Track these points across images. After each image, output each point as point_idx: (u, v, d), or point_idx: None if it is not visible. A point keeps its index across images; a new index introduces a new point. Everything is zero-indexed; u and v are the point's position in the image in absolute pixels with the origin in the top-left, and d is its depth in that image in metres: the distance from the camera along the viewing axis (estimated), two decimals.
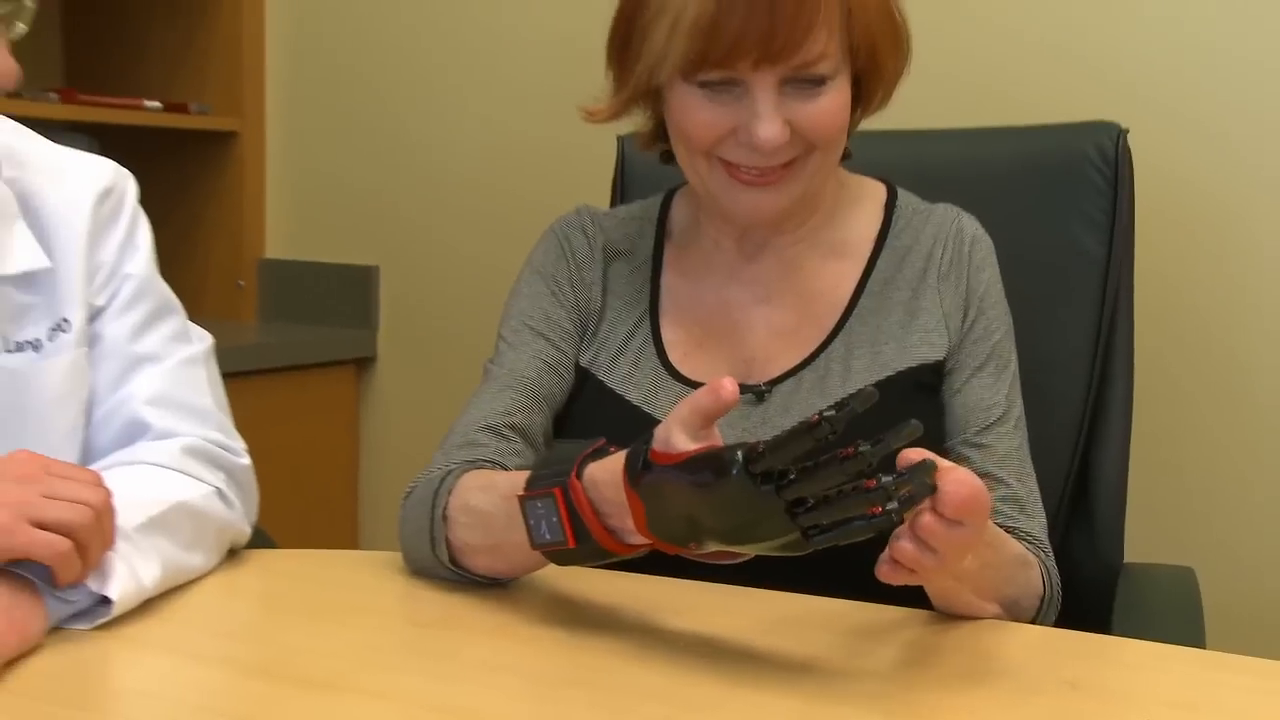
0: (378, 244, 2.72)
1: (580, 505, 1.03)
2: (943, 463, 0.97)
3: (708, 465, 0.95)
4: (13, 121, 1.25)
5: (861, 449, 0.89)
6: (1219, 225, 1.99)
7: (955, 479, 0.97)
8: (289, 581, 1.26)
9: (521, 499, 1.07)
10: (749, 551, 1.00)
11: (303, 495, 2.55)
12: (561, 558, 1.09)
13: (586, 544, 1.04)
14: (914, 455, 0.95)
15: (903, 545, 0.98)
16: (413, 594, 1.21)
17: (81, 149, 1.36)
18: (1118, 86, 2.02)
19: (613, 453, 1.05)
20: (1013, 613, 1.20)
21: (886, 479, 0.91)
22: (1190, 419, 2.02)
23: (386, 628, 1.17)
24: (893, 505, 0.91)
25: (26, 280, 1.24)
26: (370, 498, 2.77)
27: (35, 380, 1.23)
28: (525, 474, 1.12)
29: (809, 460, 0.90)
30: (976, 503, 0.97)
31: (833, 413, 0.90)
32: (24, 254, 1.24)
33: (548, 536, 1.06)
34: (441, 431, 1.34)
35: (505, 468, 1.26)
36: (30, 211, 1.26)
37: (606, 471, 1.03)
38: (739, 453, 0.93)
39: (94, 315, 1.28)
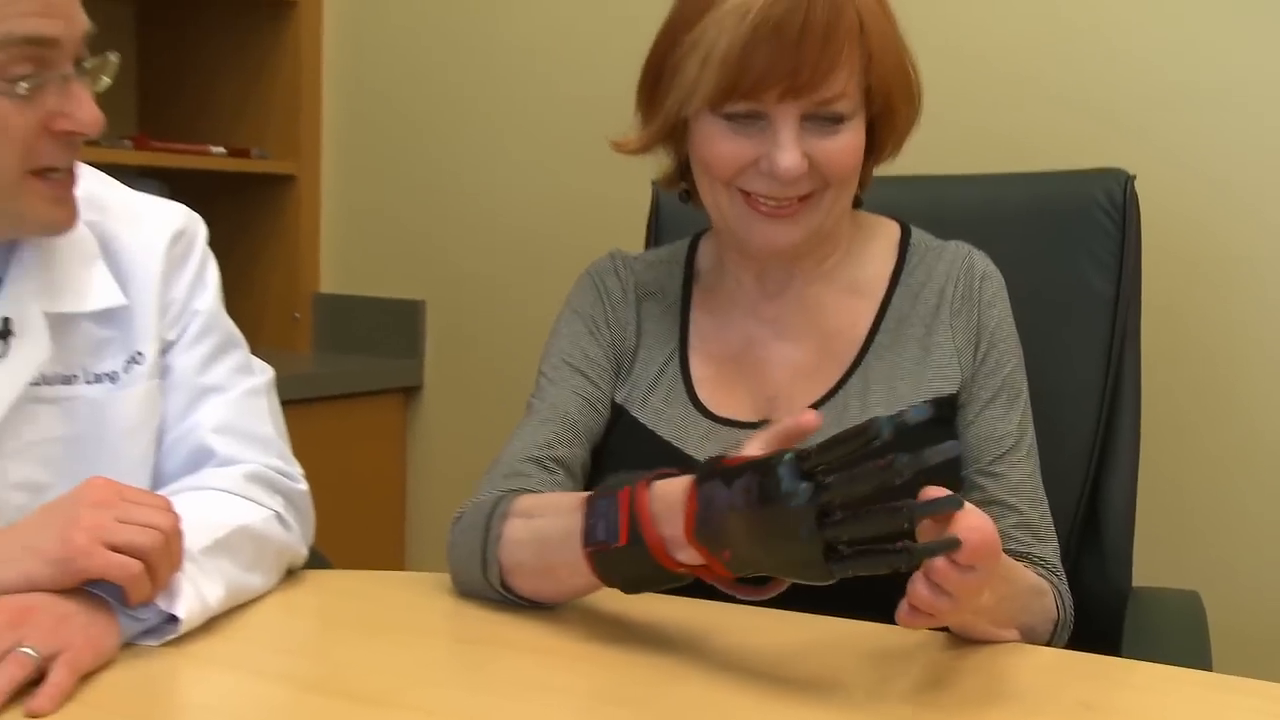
0: (424, 280, 2.72)
1: (640, 507, 1.04)
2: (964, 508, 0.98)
3: (761, 463, 0.97)
4: (94, 169, 1.26)
5: (897, 462, 0.91)
6: (1221, 265, 1.98)
7: (968, 526, 0.96)
8: (343, 600, 1.26)
9: (590, 499, 1.08)
10: (772, 568, 1.00)
11: (353, 516, 2.54)
12: (607, 563, 1.08)
13: (636, 546, 1.04)
14: (936, 492, 0.95)
15: (918, 590, 0.98)
16: (459, 613, 1.21)
17: (153, 193, 1.36)
18: (1125, 135, 2.01)
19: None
20: (1029, 637, 1.19)
21: (911, 503, 0.92)
22: (1195, 449, 2.01)
23: (435, 645, 1.17)
24: (911, 545, 0.92)
25: (105, 316, 1.25)
26: (417, 519, 2.76)
27: (111, 410, 1.24)
28: (580, 495, 1.13)
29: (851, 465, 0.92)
30: (987, 549, 0.97)
31: (885, 419, 0.92)
32: (103, 292, 1.25)
33: (601, 535, 1.07)
34: (484, 456, 1.34)
35: None
36: (109, 253, 1.27)
37: (674, 483, 1.04)
38: (789, 454, 0.95)
39: (165, 349, 1.29)
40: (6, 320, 1.18)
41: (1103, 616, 1.46)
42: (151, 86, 2.84)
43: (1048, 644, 1.24)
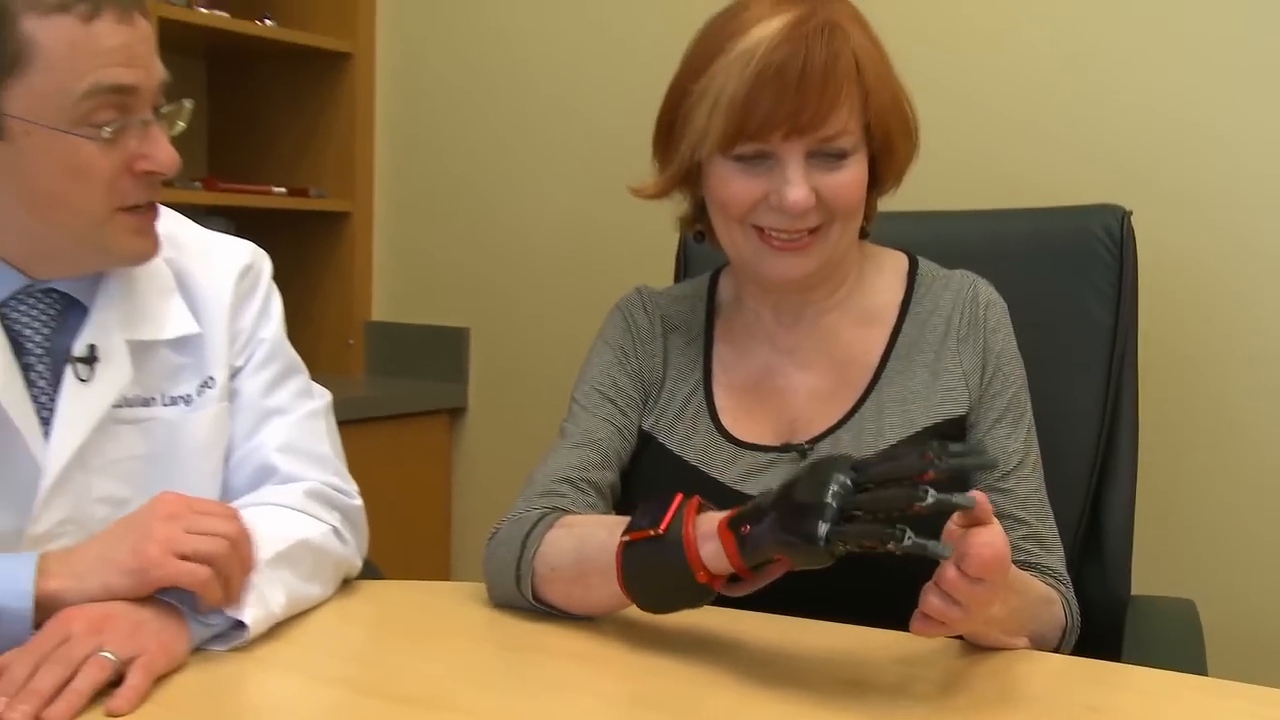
0: (468, 309, 2.73)
1: (690, 506, 1.05)
2: (985, 517, 0.98)
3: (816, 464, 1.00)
4: (170, 210, 1.27)
5: (923, 497, 0.92)
6: (1211, 293, 1.97)
7: (981, 541, 0.96)
8: (394, 609, 1.26)
9: (648, 499, 1.08)
10: (777, 546, 0.99)
11: (401, 529, 2.55)
12: (635, 555, 1.07)
13: (670, 535, 1.04)
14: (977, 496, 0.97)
15: (931, 600, 0.98)
16: (501, 621, 1.20)
17: (220, 230, 1.37)
18: (1122, 173, 2.00)
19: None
20: (1038, 643, 1.18)
21: (928, 490, 0.93)
22: (1189, 466, 1.99)
23: (479, 651, 1.16)
24: (909, 540, 0.92)
25: (180, 344, 1.26)
26: (460, 532, 2.76)
27: (185, 430, 1.24)
28: (620, 519, 1.13)
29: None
30: (998, 563, 0.97)
31: (940, 450, 0.93)
32: (179, 322, 1.26)
33: (643, 523, 1.06)
34: (524, 473, 1.34)
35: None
36: (184, 286, 1.28)
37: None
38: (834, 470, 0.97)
39: (233, 374, 1.29)
40: (92, 347, 1.19)
41: (1103, 624, 1.44)
42: (220, 132, 2.87)
43: (1056, 649, 1.23)
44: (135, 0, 1.13)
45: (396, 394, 2.67)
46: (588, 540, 1.15)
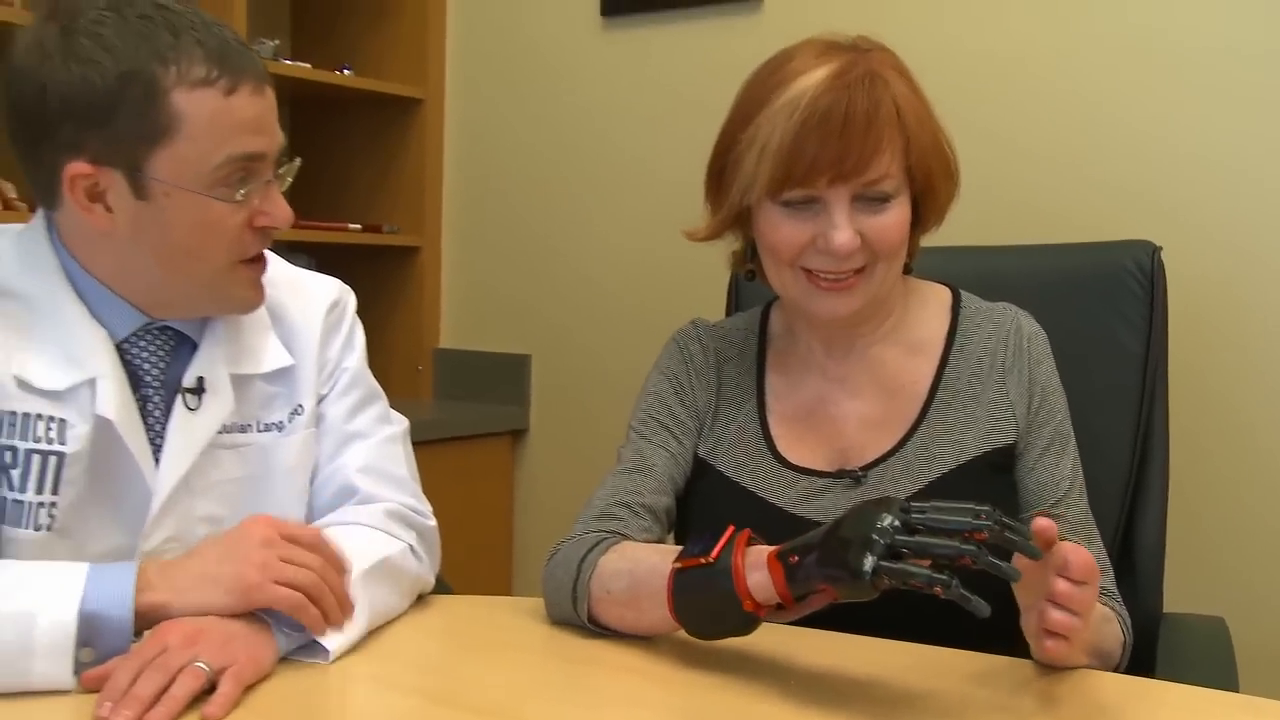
0: (530, 337, 2.74)
1: (740, 539, 1.04)
2: (1053, 539, 0.98)
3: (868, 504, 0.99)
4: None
5: (989, 530, 0.92)
6: (1238, 323, 1.95)
7: (1073, 548, 0.97)
8: (464, 623, 1.26)
9: (700, 530, 1.07)
10: (824, 577, 0.98)
11: (465, 544, 2.55)
12: (685, 581, 1.06)
13: (720, 564, 1.03)
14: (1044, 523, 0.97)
15: (1055, 616, 0.97)
16: (561, 636, 1.20)
17: (303, 264, 1.39)
18: (1153, 210, 1.99)
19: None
20: (1105, 662, 1.17)
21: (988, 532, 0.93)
22: (1219, 489, 1.97)
23: (543, 664, 1.16)
24: (955, 588, 0.91)
25: (275, 375, 1.27)
26: (522, 548, 2.76)
27: (277, 454, 1.26)
28: (673, 547, 1.12)
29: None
30: (1092, 565, 0.98)
31: (994, 515, 0.93)
32: (274, 355, 1.27)
33: (694, 551, 1.05)
34: (582, 491, 1.33)
35: (635, 539, 1.24)
36: (278, 321, 1.29)
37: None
38: (889, 506, 0.96)
39: (319, 400, 1.30)
40: (201, 379, 1.21)
41: (1137, 641, 1.41)
42: (302, 173, 2.87)
43: (1116, 667, 1.20)
44: (265, 73, 1.16)
45: (462, 417, 2.68)
46: (641, 565, 1.14)
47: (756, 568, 1.02)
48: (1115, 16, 2.04)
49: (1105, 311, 1.54)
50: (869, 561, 0.92)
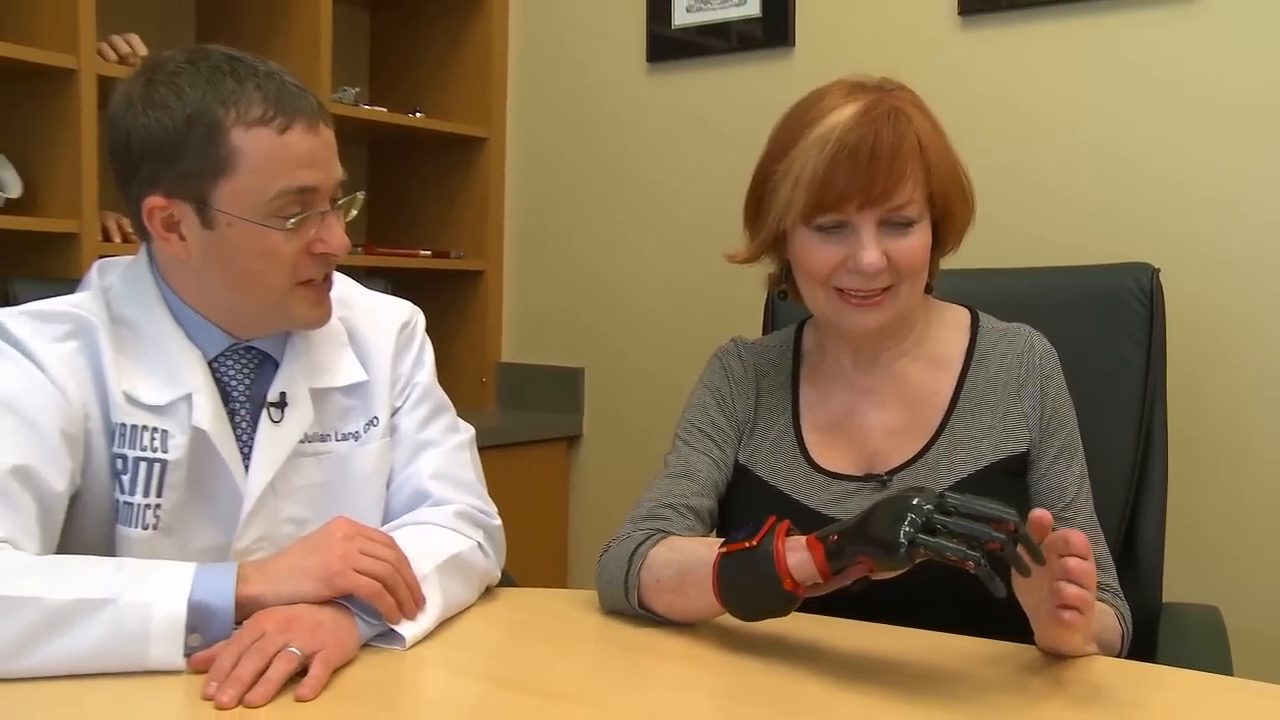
0: (583, 351, 2.74)
1: (781, 527, 1.05)
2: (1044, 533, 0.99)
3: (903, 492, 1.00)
4: (341, 274, 1.30)
5: (1016, 523, 0.94)
6: (1229, 335, 1.94)
7: (1072, 530, 1.00)
8: (528, 614, 1.26)
9: (740, 524, 1.08)
10: (864, 558, 0.99)
11: (525, 541, 2.55)
12: (729, 565, 1.07)
13: (765, 546, 1.04)
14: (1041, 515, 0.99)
15: (1068, 591, 0.99)
16: (615, 625, 1.20)
17: (379, 289, 1.40)
18: (1151, 235, 1.98)
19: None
20: (1106, 650, 1.17)
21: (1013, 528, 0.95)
22: (1214, 488, 1.94)
23: (601, 651, 1.16)
24: (984, 564, 0.93)
25: (351, 389, 1.28)
26: (576, 544, 2.76)
27: (354, 462, 1.26)
28: (716, 540, 1.12)
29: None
30: (1087, 541, 1.00)
31: (1017, 518, 0.95)
32: (350, 371, 1.28)
33: (740, 536, 1.06)
34: (631, 491, 1.33)
35: (680, 536, 1.24)
36: (354, 339, 1.30)
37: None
38: (924, 492, 0.97)
39: (393, 413, 1.31)
40: (283, 394, 1.22)
41: (1138, 629, 1.40)
42: (377, 206, 2.92)
43: (1118, 654, 1.20)
44: (321, 113, 1.17)
45: (522, 424, 2.68)
46: (688, 555, 1.14)
47: (796, 549, 1.03)
48: (1114, 61, 2.03)
49: (1109, 328, 1.53)
50: (905, 533, 0.94)
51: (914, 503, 0.96)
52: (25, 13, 2.12)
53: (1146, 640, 1.36)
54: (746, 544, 1.05)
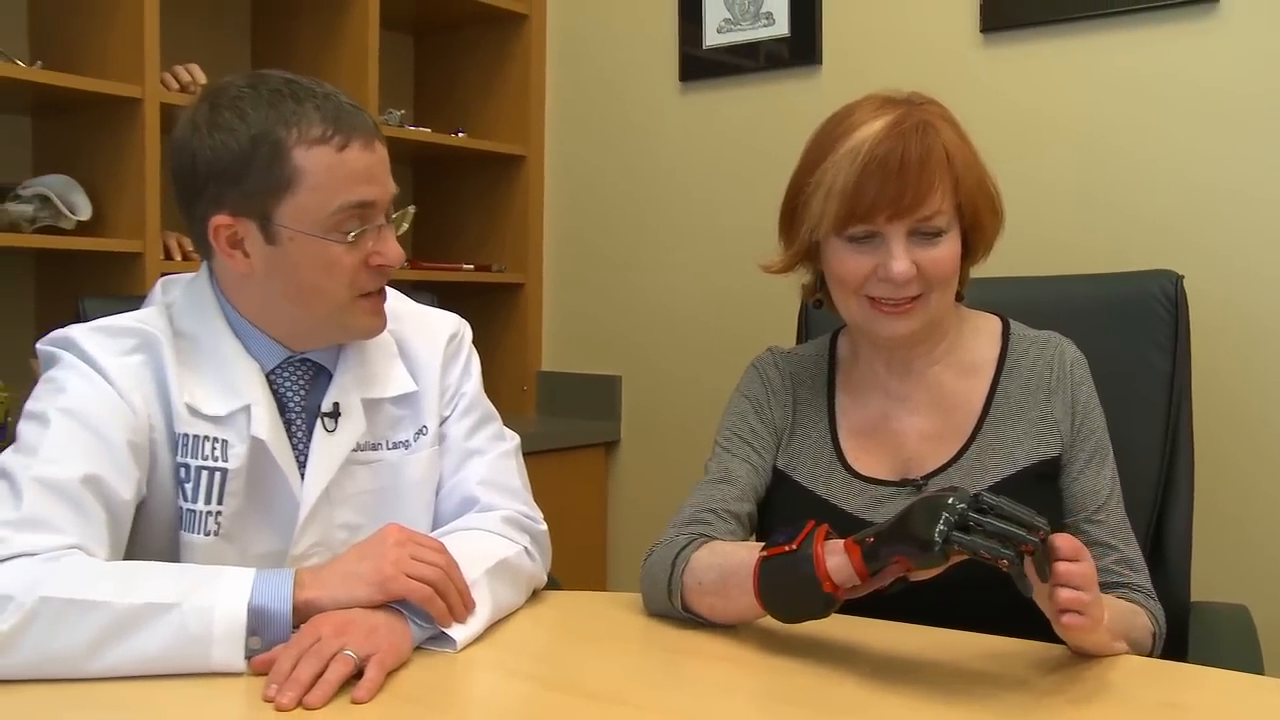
0: (620, 360, 2.74)
1: (820, 531, 1.03)
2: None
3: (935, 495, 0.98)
4: (391, 288, 1.29)
5: (1045, 531, 0.94)
6: (1253, 340, 1.91)
7: (1061, 535, 0.98)
8: (573, 616, 1.25)
9: (780, 528, 1.06)
10: (902, 557, 0.98)
11: (564, 544, 2.53)
12: (769, 568, 1.05)
13: (804, 549, 1.02)
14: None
15: (1063, 595, 0.97)
16: (659, 627, 1.18)
17: (426, 302, 1.39)
18: (1176, 242, 1.95)
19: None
20: (1137, 649, 1.14)
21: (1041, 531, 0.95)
22: (1239, 489, 1.91)
23: (645, 653, 1.15)
24: (1009, 552, 0.93)
25: (401, 399, 1.27)
26: (615, 547, 2.75)
27: (404, 470, 1.26)
28: (756, 544, 1.11)
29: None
30: (1077, 544, 0.98)
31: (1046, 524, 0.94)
32: (400, 382, 1.27)
33: (779, 540, 1.05)
34: (667, 496, 1.33)
35: (722, 540, 1.22)
36: (404, 351, 1.29)
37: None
38: (959, 492, 0.96)
39: (441, 422, 1.30)
40: (336, 404, 1.22)
41: (1168, 628, 1.37)
42: (422, 222, 2.92)
43: (1150, 653, 1.17)
44: (375, 130, 1.17)
45: (561, 430, 2.68)
46: (729, 558, 1.13)
47: (835, 552, 1.01)
48: (1135, 73, 2.01)
49: (1136, 334, 1.51)
50: (941, 532, 0.92)
51: (949, 502, 0.94)
52: (95, 47, 2.15)
53: (1177, 640, 1.33)
54: (786, 548, 1.04)
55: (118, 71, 2.11)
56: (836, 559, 1.01)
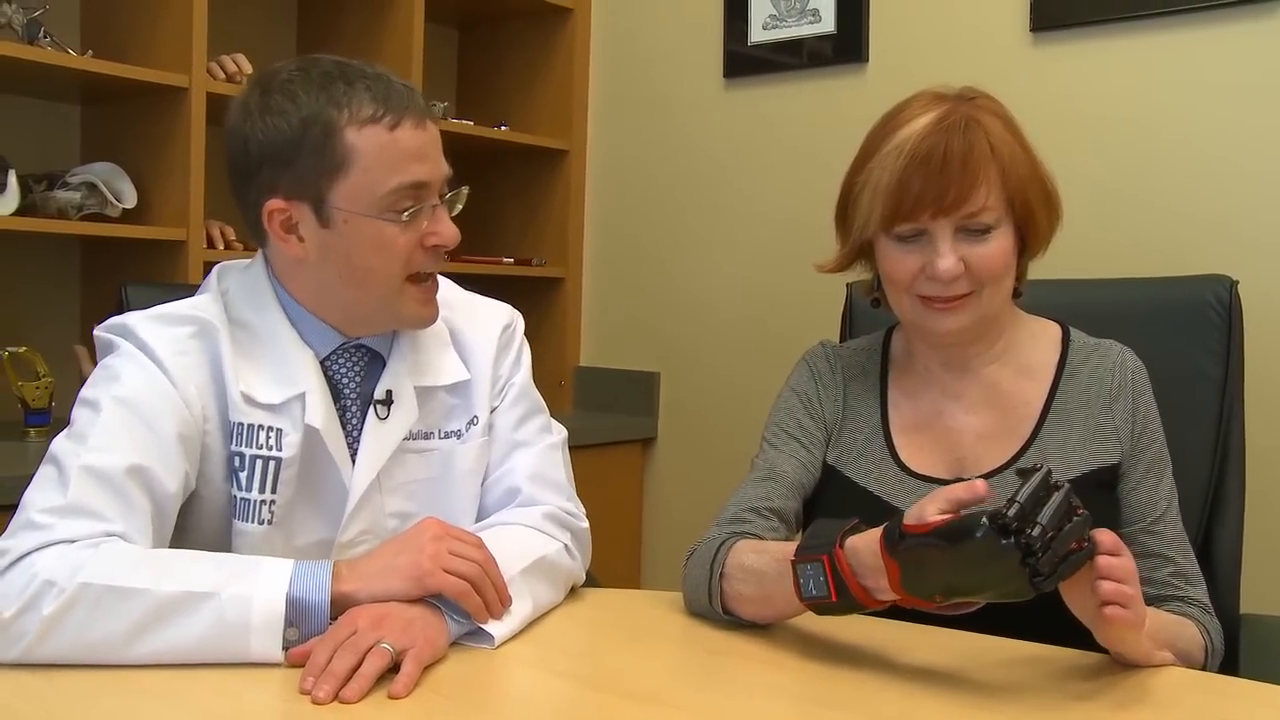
0: (658, 356, 2.72)
1: (843, 569, 0.99)
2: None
3: (959, 529, 0.92)
4: (444, 278, 1.28)
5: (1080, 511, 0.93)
6: None
7: (1102, 530, 0.97)
8: (612, 615, 1.23)
9: (794, 562, 1.03)
10: (980, 600, 0.95)
11: (600, 539, 2.52)
12: (822, 609, 1.03)
13: (845, 598, 0.99)
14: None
15: (1106, 588, 0.95)
16: (698, 626, 1.17)
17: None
18: (1231, 246, 1.90)
19: (865, 529, 1.01)
20: (1186, 661, 1.11)
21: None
22: None
23: (684, 653, 1.13)
24: (1088, 544, 0.93)
25: (454, 389, 1.26)
26: (650, 544, 2.74)
27: (455, 459, 1.25)
28: (790, 544, 1.08)
29: (1049, 516, 0.91)
30: (1117, 540, 0.97)
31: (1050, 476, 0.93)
32: (453, 370, 1.26)
33: (814, 592, 1.01)
34: (704, 493, 1.31)
35: (764, 539, 1.21)
36: (456, 340, 1.28)
37: (865, 542, 0.99)
38: (984, 517, 0.90)
39: (491, 411, 1.28)
40: (389, 392, 1.21)
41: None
42: (462, 215, 2.91)
43: (1203, 667, 1.14)
44: (427, 110, 1.16)
45: (599, 426, 2.67)
46: (765, 573, 1.10)
47: (884, 593, 0.98)
48: (1189, 73, 1.96)
49: (1188, 339, 1.47)
50: (1036, 583, 0.91)
51: (1004, 542, 0.89)
52: (144, 37, 2.16)
53: (1228, 653, 1.30)
54: (824, 601, 1.00)
55: (166, 61, 2.12)
56: (888, 597, 0.98)
